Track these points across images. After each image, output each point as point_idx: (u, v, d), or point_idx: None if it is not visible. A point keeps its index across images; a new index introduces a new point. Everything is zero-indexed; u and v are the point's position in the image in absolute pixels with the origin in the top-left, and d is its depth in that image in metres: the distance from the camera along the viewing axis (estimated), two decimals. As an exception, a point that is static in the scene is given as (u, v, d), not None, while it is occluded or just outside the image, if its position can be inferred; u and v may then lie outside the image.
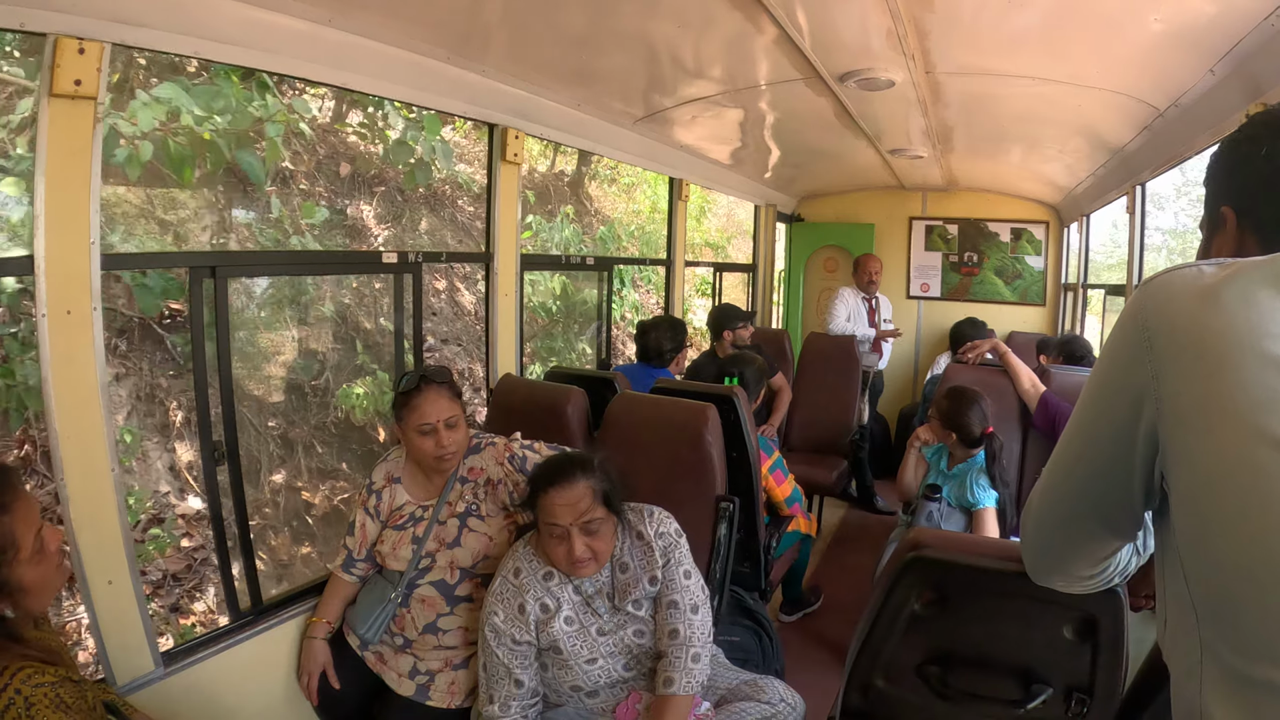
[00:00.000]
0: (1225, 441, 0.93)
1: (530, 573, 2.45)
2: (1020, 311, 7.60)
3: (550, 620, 2.40)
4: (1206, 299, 0.97)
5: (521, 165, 3.85)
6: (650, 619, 2.48)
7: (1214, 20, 2.61)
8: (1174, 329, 0.99)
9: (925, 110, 4.43)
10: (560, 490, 2.36)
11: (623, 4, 2.88)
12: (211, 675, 2.56)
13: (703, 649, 2.43)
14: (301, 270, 5.80)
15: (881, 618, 1.84)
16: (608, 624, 2.45)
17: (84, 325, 2.14)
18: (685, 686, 2.37)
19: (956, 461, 3.70)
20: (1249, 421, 0.90)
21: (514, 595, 2.42)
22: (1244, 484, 0.91)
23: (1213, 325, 0.95)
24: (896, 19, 2.95)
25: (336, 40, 2.73)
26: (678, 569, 2.48)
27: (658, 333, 4.53)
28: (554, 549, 2.37)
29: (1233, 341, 0.93)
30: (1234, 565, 0.94)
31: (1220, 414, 0.93)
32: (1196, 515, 0.99)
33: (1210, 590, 0.99)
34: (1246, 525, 0.91)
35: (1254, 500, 0.90)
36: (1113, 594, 1.54)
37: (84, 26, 2.04)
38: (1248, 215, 1.18)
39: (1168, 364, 0.99)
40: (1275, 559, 0.89)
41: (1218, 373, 0.93)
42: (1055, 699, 1.79)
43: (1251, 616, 0.93)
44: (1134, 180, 4.75)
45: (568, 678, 2.41)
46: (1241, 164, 1.19)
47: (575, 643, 2.41)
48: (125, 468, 5.52)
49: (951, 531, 3.39)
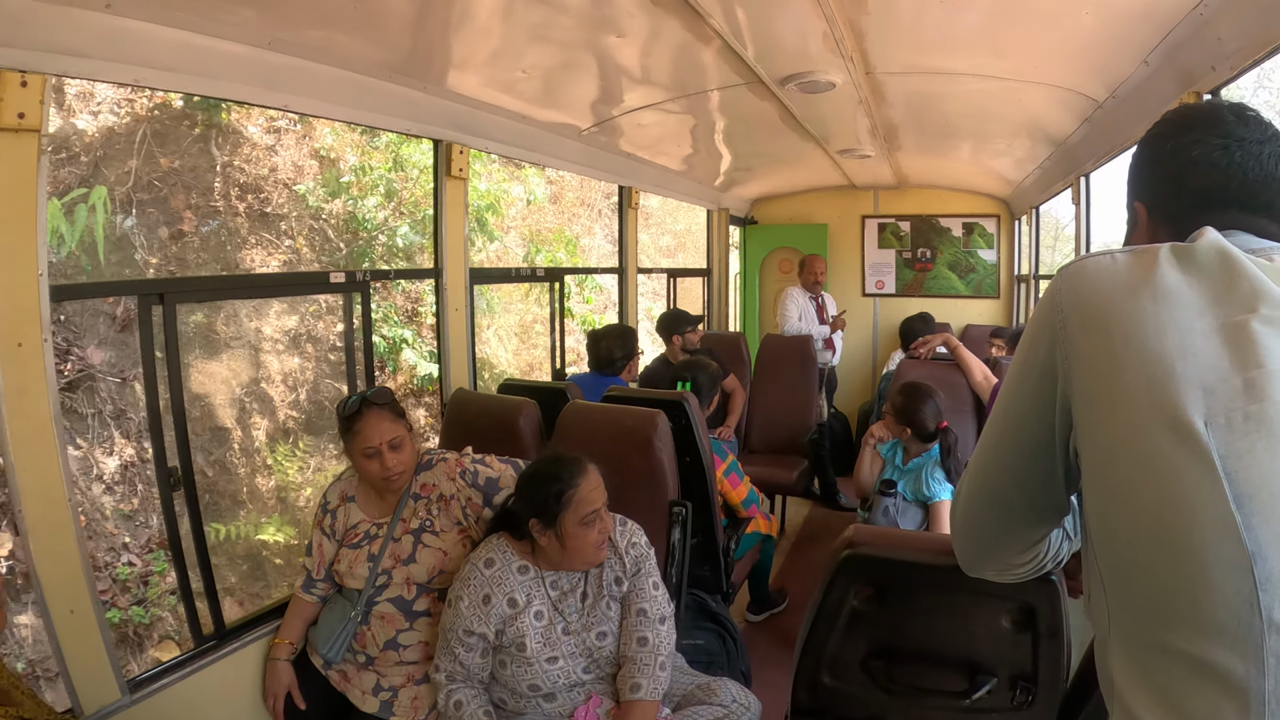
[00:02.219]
0: (1125, 418, 0.98)
1: (504, 564, 2.46)
2: (975, 305, 7.70)
3: (518, 615, 2.42)
4: (1117, 282, 1.02)
5: (467, 180, 3.85)
6: (615, 623, 2.51)
7: (1145, 11, 2.67)
8: (1084, 310, 1.05)
9: (869, 110, 4.49)
10: (588, 478, 2.44)
11: (563, 17, 2.89)
12: (178, 701, 2.54)
13: (668, 659, 2.48)
14: (249, 294, 5.76)
15: (821, 615, 1.86)
16: (574, 624, 2.47)
17: (35, 357, 2.12)
18: (652, 692, 2.40)
19: (911, 456, 3.74)
20: (1147, 399, 0.95)
21: (481, 585, 2.43)
22: (1139, 459, 0.96)
23: (1120, 306, 1.00)
24: (831, 22, 2.98)
25: (277, 63, 2.73)
26: (647, 580, 2.53)
27: (608, 341, 4.54)
28: (586, 538, 2.40)
29: (1137, 322, 0.98)
30: (1129, 536, 1.00)
31: (1123, 391, 0.98)
32: (1100, 489, 1.05)
33: (1112, 561, 1.05)
34: (1140, 499, 0.97)
35: (1148, 476, 0.95)
36: (1048, 582, 1.56)
37: (26, 59, 2.03)
38: (1159, 210, 1.23)
39: (1078, 342, 1.05)
40: (1164, 532, 0.94)
41: (1123, 351, 0.98)
42: (1000, 689, 1.80)
43: (1144, 585, 0.99)
44: (1078, 172, 4.83)
45: (526, 676, 2.41)
46: (1151, 161, 1.24)
47: (540, 640, 2.42)
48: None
49: (886, 527, 3.43)
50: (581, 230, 12.14)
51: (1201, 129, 1.18)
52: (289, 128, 8.59)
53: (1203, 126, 1.18)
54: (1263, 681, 0.87)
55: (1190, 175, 1.17)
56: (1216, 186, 1.15)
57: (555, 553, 2.42)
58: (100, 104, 7.05)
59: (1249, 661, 0.88)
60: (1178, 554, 0.93)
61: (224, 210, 7.83)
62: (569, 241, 11.47)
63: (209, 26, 2.44)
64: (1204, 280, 0.98)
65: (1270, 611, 0.87)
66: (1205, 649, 0.91)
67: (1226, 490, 0.89)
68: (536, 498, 2.41)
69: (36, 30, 2.04)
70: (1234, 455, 0.89)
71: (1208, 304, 0.96)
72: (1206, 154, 1.16)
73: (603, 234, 12.32)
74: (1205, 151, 1.16)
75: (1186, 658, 0.93)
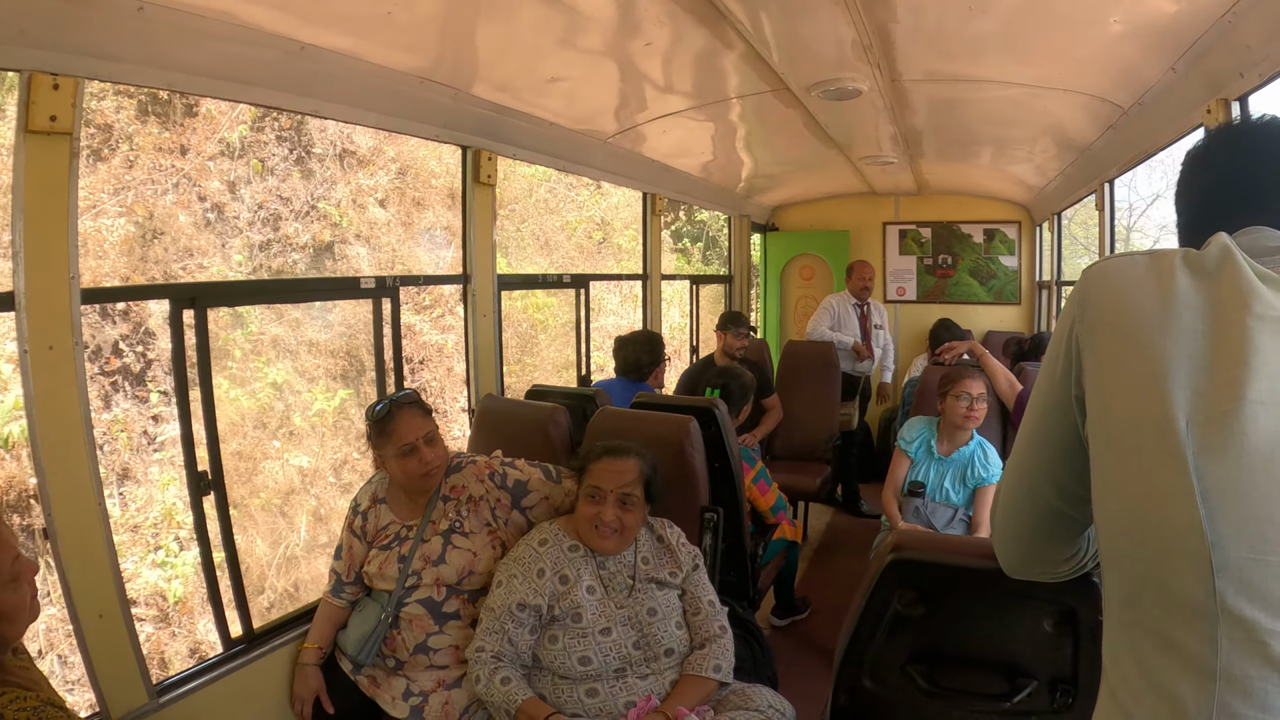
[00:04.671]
0: (1123, 411, 1.06)
1: (556, 543, 2.60)
2: (996, 311, 7.67)
3: (570, 590, 2.51)
4: (1131, 281, 1.10)
5: (495, 186, 3.87)
6: (663, 604, 2.58)
7: (1173, 18, 2.67)
8: (1099, 306, 1.12)
9: (894, 117, 4.49)
10: (613, 460, 2.64)
11: (590, 23, 2.91)
12: (205, 706, 2.54)
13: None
14: (281, 299, 5.77)
15: (865, 619, 1.86)
16: (624, 600, 2.55)
17: (66, 360, 2.13)
18: (727, 674, 2.54)
19: (956, 446, 3.76)
20: (1143, 395, 1.03)
21: (534, 560, 2.55)
22: (1130, 451, 1.05)
23: (1131, 304, 1.08)
24: (861, 29, 2.99)
25: (308, 69, 2.74)
26: (704, 575, 2.74)
27: (635, 347, 4.56)
28: (586, 509, 2.58)
29: (1144, 321, 1.05)
30: (1117, 524, 1.10)
31: (1124, 386, 1.06)
32: (1100, 478, 1.13)
33: (1106, 547, 1.14)
34: (1126, 489, 1.06)
35: (1134, 468, 1.04)
36: (1088, 582, 1.55)
37: (58, 62, 2.04)
38: (1189, 220, 1.30)
39: (1091, 336, 1.12)
40: (1142, 521, 1.04)
41: (1128, 347, 1.06)
42: (1040, 691, 1.80)
43: (1127, 569, 1.09)
44: (1102, 178, 4.82)
45: (579, 648, 2.46)
46: (1185, 177, 1.31)
47: (595, 611, 2.50)
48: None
49: (931, 531, 3.42)
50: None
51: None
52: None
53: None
54: (1215, 660, 0.95)
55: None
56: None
57: (575, 517, 2.66)
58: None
59: (1204, 642, 0.96)
60: (1151, 542, 1.02)
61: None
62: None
63: (240, 31, 2.46)
64: (1209, 283, 1.04)
65: (1224, 597, 0.95)
66: (1171, 629, 1.00)
67: (1195, 485, 0.96)
68: (584, 454, 2.75)
69: (68, 32, 2.05)
70: (1204, 452, 0.97)
71: (1210, 306, 1.02)
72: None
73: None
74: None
75: (1157, 636, 1.03)
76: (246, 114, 7.93)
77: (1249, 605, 0.94)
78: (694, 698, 2.45)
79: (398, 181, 9.71)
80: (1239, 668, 0.94)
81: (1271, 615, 0.93)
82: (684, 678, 2.52)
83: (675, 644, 2.54)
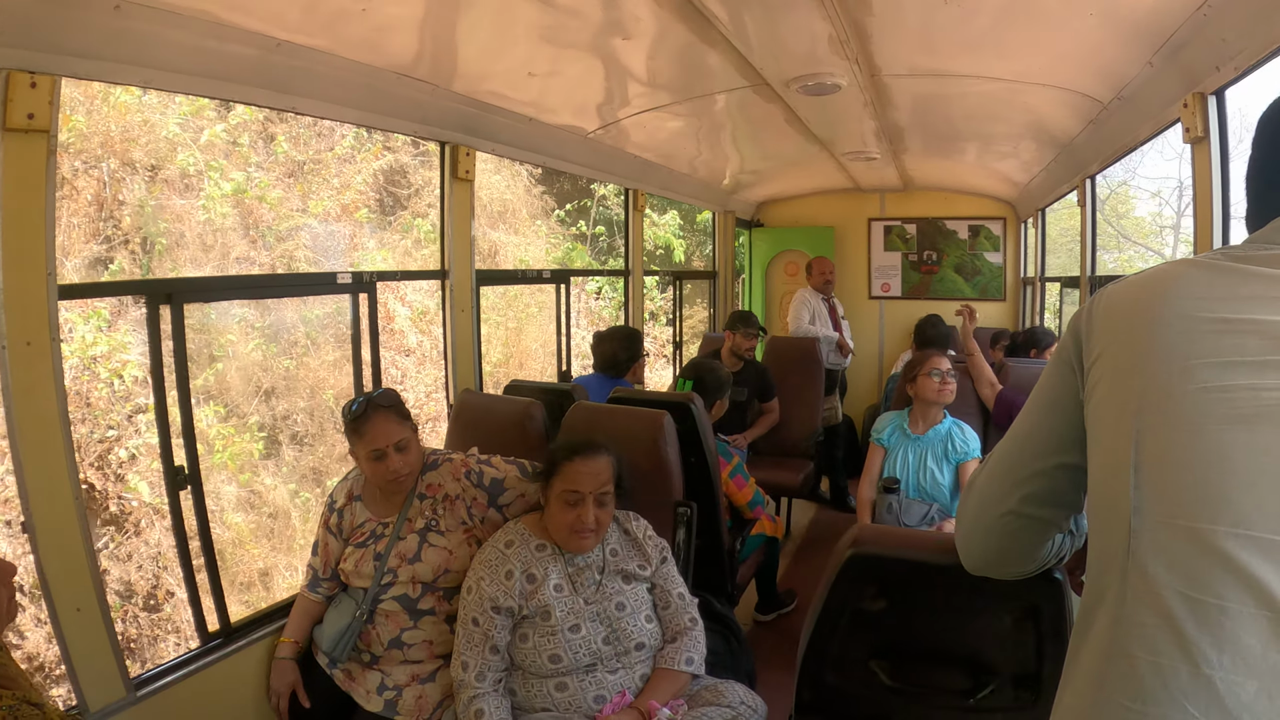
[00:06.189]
0: (1109, 391, 1.12)
1: (522, 544, 2.56)
2: (981, 307, 7.58)
3: (538, 589, 2.48)
4: (1137, 282, 1.14)
5: (474, 182, 3.87)
6: (631, 598, 2.57)
7: (1149, 13, 2.69)
8: (1112, 304, 1.16)
9: (875, 112, 4.50)
10: (586, 460, 2.56)
11: (570, 19, 2.91)
12: (182, 699, 2.55)
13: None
14: (257, 294, 5.74)
15: (826, 614, 1.86)
16: (593, 596, 2.53)
17: (43, 356, 2.14)
18: (699, 667, 2.56)
19: (929, 424, 3.79)
20: (1130, 378, 1.09)
21: (501, 562, 2.51)
22: (1109, 425, 1.12)
23: (1142, 298, 1.11)
24: (837, 24, 2.99)
25: (285, 66, 2.74)
26: (672, 568, 2.71)
27: (614, 343, 4.56)
28: (563, 514, 2.51)
29: (1155, 313, 1.08)
30: (1090, 487, 1.18)
31: (1143, 359, 1.08)
32: (1091, 442, 1.17)
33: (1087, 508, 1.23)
34: (1097, 458, 1.14)
35: (1107, 440, 1.12)
36: (1051, 579, 1.56)
37: (34, 60, 2.05)
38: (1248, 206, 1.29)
39: (1098, 330, 1.16)
40: (1101, 486, 1.13)
41: (1144, 334, 1.09)
42: (1004, 688, 1.80)
43: (1091, 530, 1.18)
44: (1083, 173, 4.84)
45: (549, 646, 2.45)
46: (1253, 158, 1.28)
47: (564, 608, 2.48)
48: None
49: (891, 526, 3.43)
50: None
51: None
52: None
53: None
54: (1121, 608, 1.04)
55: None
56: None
57: (547, 519, 2.59)
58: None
59: (1120, 589, 1.05)
60: (1102, 504, 1.12)
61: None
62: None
63: (217, 29, 2.46)
64: (1217, 278, 1.07)
65: (1135, 554, 1.04)
66: (1103, 578, 1.09)
67: (1132, 458, 1.05)
68: (550, 454, 2.65)
69: (45, 31, 2.06)
70: (1146, 430, 1.05)
71: (1214, 302, 1.05)
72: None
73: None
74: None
75: (1096, 585, 1.11)
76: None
77: (1153, 562, 1.02)
78: (667, 692, 2.46)
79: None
80: (1138, 615, 1.03)
81: (1171, 573, 1.01)
82: (656, 671, 2.53)
83: (646, 638, 2.54)
